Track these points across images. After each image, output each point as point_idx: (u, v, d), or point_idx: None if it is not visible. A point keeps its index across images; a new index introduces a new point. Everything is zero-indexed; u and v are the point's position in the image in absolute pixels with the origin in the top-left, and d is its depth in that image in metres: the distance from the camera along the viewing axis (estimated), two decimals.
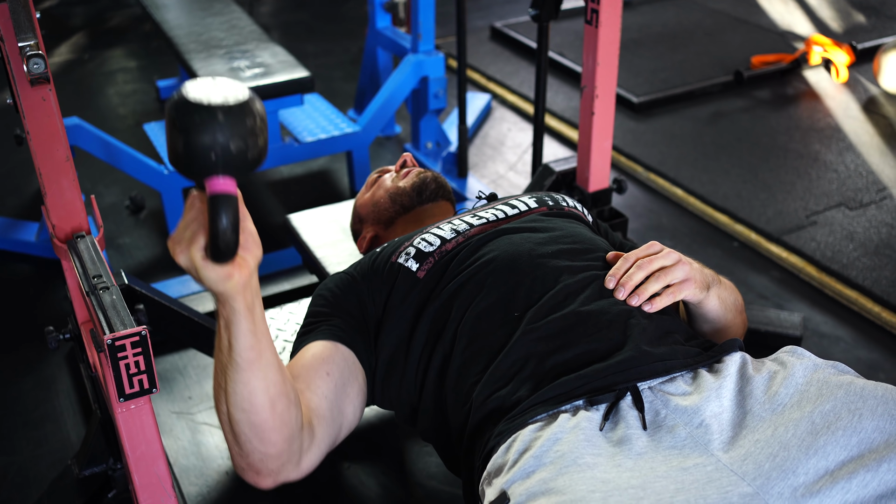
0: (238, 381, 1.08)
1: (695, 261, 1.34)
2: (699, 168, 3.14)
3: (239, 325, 1.04)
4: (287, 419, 1.14)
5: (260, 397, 1.09)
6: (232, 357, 1.07)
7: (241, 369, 1.07)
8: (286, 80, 2.73)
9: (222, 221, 0.96)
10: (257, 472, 1.17)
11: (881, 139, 3.35)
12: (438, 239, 1.38)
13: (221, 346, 1.08)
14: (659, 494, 0.98)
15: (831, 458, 1.03)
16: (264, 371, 1.09)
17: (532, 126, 3.56)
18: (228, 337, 1.06)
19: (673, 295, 1.27)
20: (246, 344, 1.06)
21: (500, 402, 1.17)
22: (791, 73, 3.87)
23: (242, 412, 1.10)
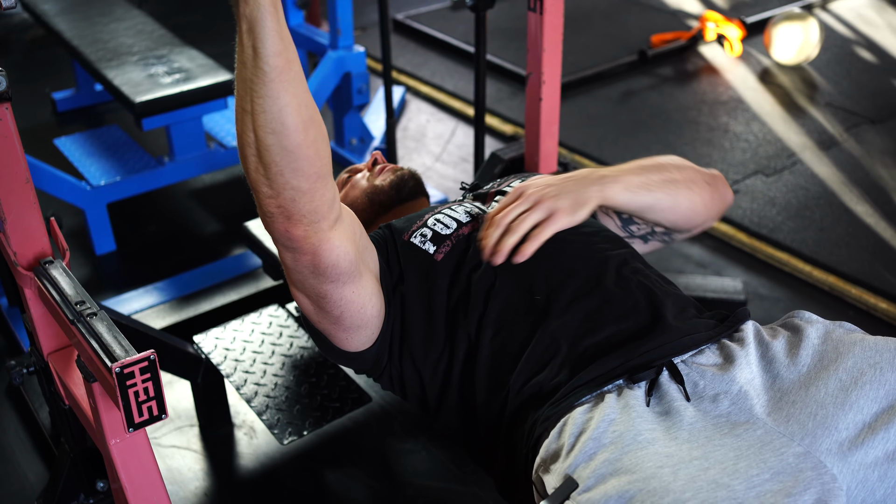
0: (267, 96, 1.00)
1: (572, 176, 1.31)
2: (620, 146, 3.23)
3: (265, 24, 0.97)
4: (320, 150, 1.07)
5: (292, 116, 1.02)
6: (258, 66, 0.98)
7: (269, 80, 0.99)
8: (210, 84, 2.64)
9: None
10: (289, 215, 1.08)
11: (781, 107, 3.53)
12: (454, 221, 1.37)
13: (245, 58, 0.99)
14: (722, 463, 1.01)
15: (865, 412, 1.08)
16: (294, 85, 1.02)
17: (450, 115, 3.58)
18: (253, 42, 0.97)
19: (538, 238, 1.25)
20: (273, 48, 0.98)
21: (538, 387, 1.18)
22: (689, 50, 4.03)
23: (273, 135, 1.02)
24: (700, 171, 1.42)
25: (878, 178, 2.99)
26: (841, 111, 3.47)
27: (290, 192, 1.07)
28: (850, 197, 2.88)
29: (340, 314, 1.26)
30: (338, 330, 1.29)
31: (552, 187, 1.30)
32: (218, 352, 1.96)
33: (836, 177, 3.00)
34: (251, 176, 1.09)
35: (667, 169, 1.37)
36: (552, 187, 1.30)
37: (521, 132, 3.39)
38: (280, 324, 2.04)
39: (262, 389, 1.86)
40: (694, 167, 1.42)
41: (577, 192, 1.29)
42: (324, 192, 1.10)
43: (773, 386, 1.14)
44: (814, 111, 3.48)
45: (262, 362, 1.93)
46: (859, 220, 2.75)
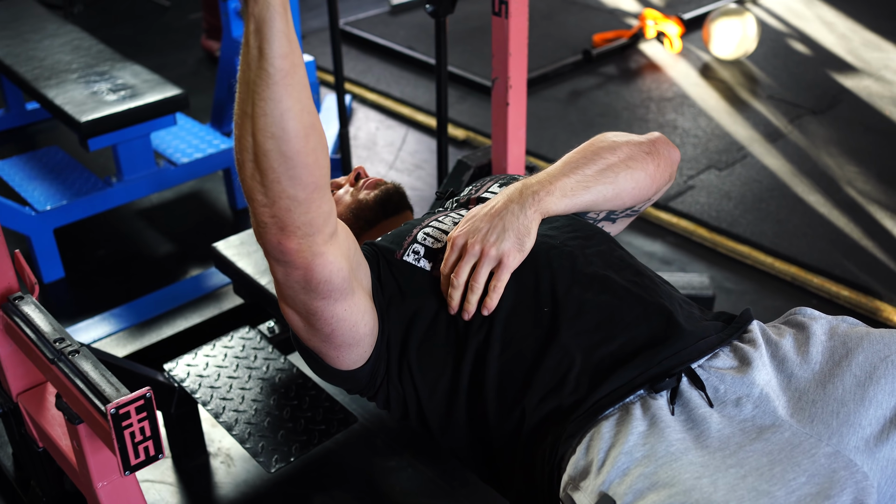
0: (270, 99, 0.96)
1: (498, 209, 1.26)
2: (574, 146, 3.22)
3: (273, 24, 0.93)
4: (319, 159, 1.03)
5: (293, 122, 0.98)
6: (263, 67, 0.95)
7: (273, 83, 0.95)
8: (158, 99, 2.55)
9: None
10: (283, 226, 1.04)
11: (725, 102, 3.59)
12: (444, 234, 1.33)
13: (250, 58, 0.96)
14: (758, 470, 1.00)
15: (885, 406, 1.08)
16: (297, 90, 0.98)
17: (400, 122, 3.54)
18: (259, 42, 0.94)
19: (497, 289, 1.23)
20: (280, 50, 0.94)
21: (556, 403, 1.15)
22: (631, 48, 4.06)
23: (272, 139, 0.98)
24: (637, 143, 1.36)
25: (826, 168, 3.06)
26: (783, 103, 3.54)
27: (286, 201, 1.03)
28: (802, 187, 2.94)
29: (332, 331, 1.21)
30: (329, 348, 1.25)
31: (489, 232, 1.25)
32: (192, 379, 1.88)
33: (786, 168, 3.06)
34: (246, 183, 1.04)
35: (600, 156, 1.33)
36: (489, 232, 1.25)
37: (475, 136, 3.37)
38: (254, 346, 1.97)
39: (243, 416, 1.79)
40: (629, 141, 1.36)
41: (515, 223, 1.25)
42: (320, 204, 1.06)
43: (789, 386, 1.13)
44: (757, 104, 3.55)
45: (240, 388, 1.86)
46: (813, 210, 2.81)
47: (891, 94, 3.60)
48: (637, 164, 1.34)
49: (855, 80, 3.73)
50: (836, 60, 3.93)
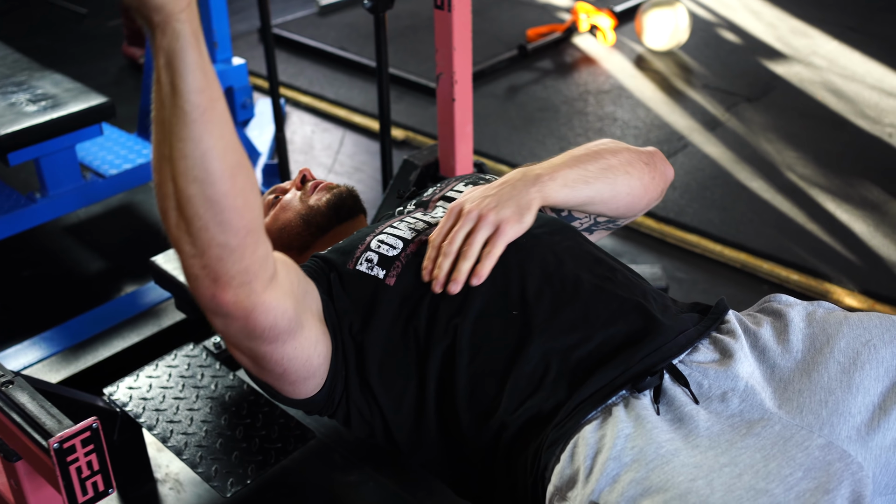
0: (189, 140, 0.88)
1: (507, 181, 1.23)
2: (516, 143, 3.19)
3: (186, 56, 0.86)
4: (249, 200, 0.95)
5: (217, 162, 0.90)
6: (178, 105, 0.87)
7: (191, 121, 0.88)
8: (82, 109, 2.41)
9: None
10: (216, 277, 0.95)
11: (662, 92, 3.59)
12: (400, 241, 1.25)
13: (163, 96, 0.88)
14: (753, 467, 0.96)
15: (872, 392, 1.06)
16: (219, 126, 0.90)
17: (336, 124, 3.45)
18: (172, 77, 0.86)
19: (492, 255, 1.17)
20: (195, 84, 0.87)
21: (535, 410, 1.09)
22: (564, 42, 4.05)
23: (196, 184, 0.90)
24: (637, 152, 1.34)
25: (766, 154, 3.07)
26: (718, 92, 3.56)
27: (217, 249, 0.94)
28: (744, 174, 2.95)
29: (283, 371, 1.14)
30: (283, 384, 1.18)
31: (489, 198, 1.21)
32: (135, 403, 1.77)
33: (727, 155, 3.07)
34: (172, 233, 0.95)
35: (602, 156, 1.29)
36: (489, 198, 1.21)
37: (414, 136, 3.30)
38: (200, 364, 1.87)
39: (193, 439, 1.68)
40: (629, 148, 1.34)
41: (518, 196, 1.21)
42: (255, 249, 0.97)
43: (773, 377, 1.09)
44: (693, 94, 3.56)
45: (188, 409, 1.76)
46: (757, 196, 2.82)
47: (821, 79, 3.65)
48: (635, 172, 1.30)
49: (785, 67, 3.78)
50: (766, 48, 3.98)
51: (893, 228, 2.61)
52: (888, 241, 2.56)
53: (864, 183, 2.86)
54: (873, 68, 3.73)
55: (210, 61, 0.90)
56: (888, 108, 3.37)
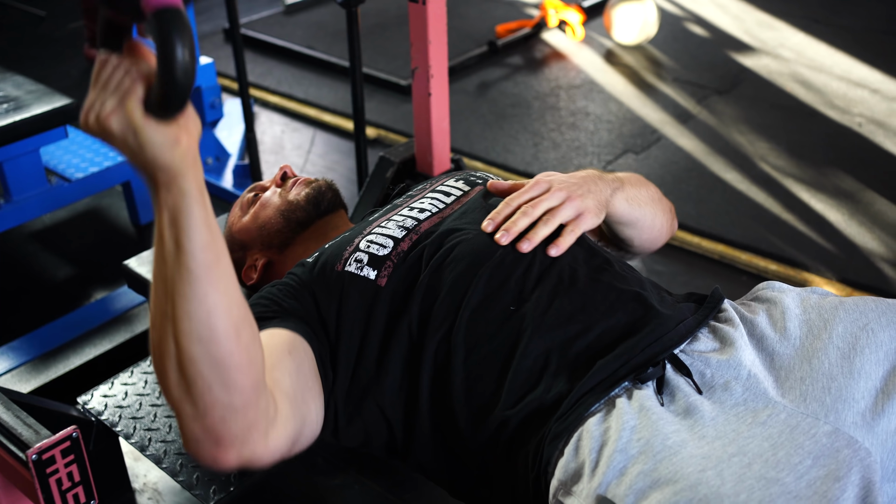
0: (193, 298, 0.83)
1: (588, 176, 1.25)
2: (489, 139, 3.17)
3: (191, 214, 0.82)
4: (254, 355, 0.90)
5: (222, 320, 0.85)
6: (182, 263, 0.83)
7: (196, 279, 0.83)
8: (46, 111, 2.35)
9: (176, 43, 0.73)
10: (217, 440, 0.89)
11: (633, 86, 3.59)
12: (390, 240, 1.22)
13: (165, 253, 0.84)
14: (762, 456, 0.93)
15: (874, 377, 1.04)
16: (224, 283, 0.86)
17: (306, 124, 3.40)
18: (176, 235, 0.82)
19: (573, 233, 1.18)
20: (201, 242, 0.83)
21: (536, 403, 1.06)
22: (534, 38, 4.03)
23: (200, 344, 0.85)
24: (663, 197, 1.38)
25: (739, 146, 3.08)
26: (688, 85, 3.57)
27: (220, 410, 0.88)
28: (718, 166, 2.95)
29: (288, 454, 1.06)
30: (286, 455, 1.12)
31: (576, 185, 1.22)
32: (110, 411, 1.71)
33: (701, 148, 3.07)
34: (171, 394, 0.88)
35: (650, 187, 1.34)
36: (576, 185, 1.22)
37: (386, 134, 3.26)
38: None
39: (172, 446, 1.63)
40: (659, 191, 1.38)
41: (599, 193, 1.23)
42: (257, 403, 0.91)
43: (773, 364, 1.07)
44: (664, 87, 3.57)
45: (166, 415, 1.70)
46: (732, 188, 2.82)
47: (789, 70, 3.67)
48: (667, 214, 1.36)
49: (754, 59, 3.80)
50: (734, 41, 4.00)
51: (868, 217, 2.63)
52: (863, 230, 2.57)
53: (837, 172, 2.88)
54: (839, 59, 3.76)
55: (213, 214, 0.85)
56: (856, 99, 3.40)
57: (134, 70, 0.78)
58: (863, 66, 3.67)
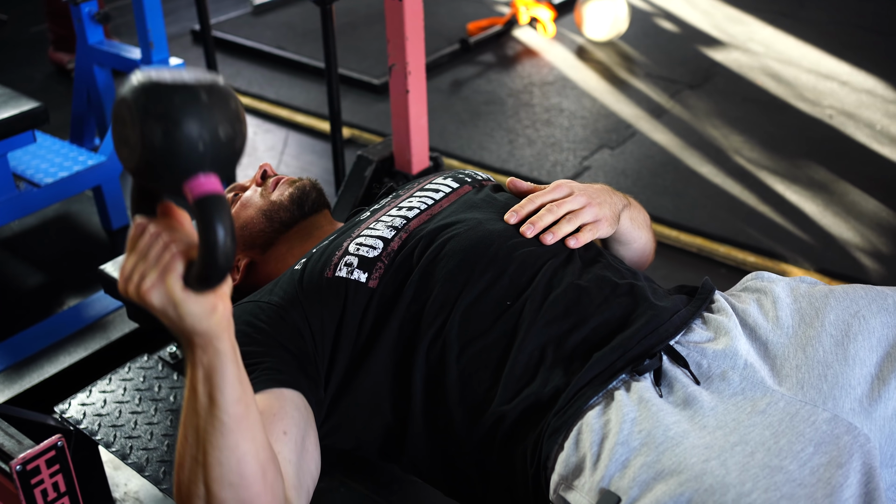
0: (224, 448, 0.87)
1: (603, 189, 1.30)
2: (464, 137, 3.15)
3: (225, 372, 0.85)
4: (276, 491, 0.94)
5: (251, 465, 0.89)
6: (215, 416, 0.86)
7: (228, 431, 0.87)
8: (13, 115, 2.29)
9: (219, 231, 0.76)
10: None
11: (605, 82, 3.59)
12: (380, 241, 1.20)
13: (198, 407, 0.87)
14: (764, 445, 0.93)
15: (868, 363, 1.04)
16: (252, 430, 0.90)
17: (278, 125, 3.37)
18: (210, 391, 0.86)
19: (592, 232, 1.23)
20: (233, 396, 0.86)
21: (533, 398, 1.04)
22: (505, 36, 4.03)
23: (230, 488, 0.89)
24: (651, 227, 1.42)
25: (712, 139, 3.09)
26: (661, 80, 3.58)
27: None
28: (693, 160, 2.96)
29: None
30: None
31: (596, 194, 1.26)
32: (89, 419, 1.67)
33: (675, 142, 3.08)
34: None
35: (644, 212, 1.39)
36: (596, 194, 1.26)
37: (360, 134, 3.23)
38: (156, 376, 1.78)
39: (154, 454, 1.60)
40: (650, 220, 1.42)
41: (614, 206, 1.28)
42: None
43: (767, 353, 1.07)
44: (637, 82, 3.57)
45: (146, 423, 1.66)
46: (708, 181, 2.83)
47: (759, 64, 3.70)
48: (652, 241, 1.41)
49: (724, 54, 3.82)
50: (703, 36, 4.02)
51: (843, 207, 2.65)
52: (839, 220, 2.59)
53: (810, 164, 2.90)
54: (808, 52, 3.79)
55: (243, 367, 0.88)
56: (826, 91, 3.43)
57: (173, 245, 0.80)
58: (831, 59, 3.71)
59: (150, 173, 0.76)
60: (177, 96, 0.74)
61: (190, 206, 0.77)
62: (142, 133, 0.73)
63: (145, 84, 0.74)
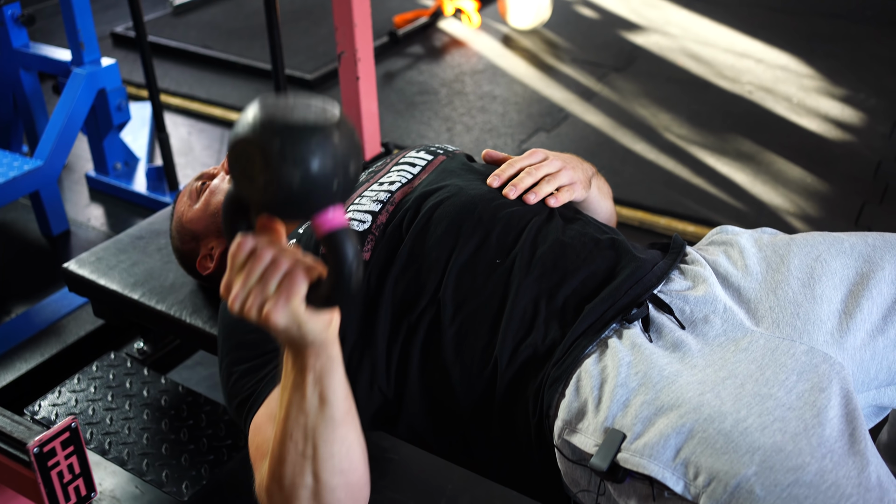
0: (335, 441, 0.93)
1: (574, 156, 1.37)
2: (402, 127, 3.19)
3: (335, 374, 0.91)
4: (368, 472, 1.01)
5: (357, 452, 0.97)
6: (326, 413, 0.92)
7: (338, 424, 0.93)
8: None
9: (352, 262, 0.79)
10: None
11: (534, 69, 3.68)
12: (367, 214, 1.23)
13: (307, 407, 0.92)
14: (752, 377, 1.00)
15: (834, 301, 1.12)
16: (356, 421, 0.97)
17: (212, 124, 3.34)
18: (322, 391, 0.91)
19: (569, 192, 1.29)
20: (342, 394, 0.93)
21: (531, 350, 1.09)
22: (431, 27, 4.07)
23: (341, 475, 0.95)
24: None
25: (642, 118, 3.21)
26: (587, 64, 3.68)
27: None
28: (626, 138, 3.06)
29: None
30: None
31: (569, 160, 1.33)
32: (62, 419, 1.65)
33: (607, 123, 3.18)
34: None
35: (607, 184, 1.46)
36: (569, 160, 1.33)
37: None
38: (125, 372, 1.77)
39: (135, 448, 1.59)
40: None
41: (585, 171, 1.36)
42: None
43: (741, 298, 1.14)
44: (564, 67, 3.67)
45: (123, 418, 1.66)
46: (642, 158, 2.94)
47: (679, 46, 3.84)
48: (614, 213, 1.48)
49: (644, 37, 3.95)
50: (623, 21, 4.15)
51: (770, 175, 2.79)
52: (768, 188, 2.72)
53: (736, 137, 3.04)
54: (723, 33, 3.96)
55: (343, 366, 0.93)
56: (743, 69, 3.59)
57: (296, 270, 0.82)
58: (745, 38, 3.88)
59: (280, 210, 0.77)
60: (313, 140, 0.73)
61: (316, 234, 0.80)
62: (277, 176, 0.73)
63: (276, 125, 0.73)
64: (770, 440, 0.91)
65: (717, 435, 0.93)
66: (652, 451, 0.94)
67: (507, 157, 1.34)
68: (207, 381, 2.04)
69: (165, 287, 1.62)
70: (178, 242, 1.52)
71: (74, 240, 2.64)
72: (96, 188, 2.90)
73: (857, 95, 3.33)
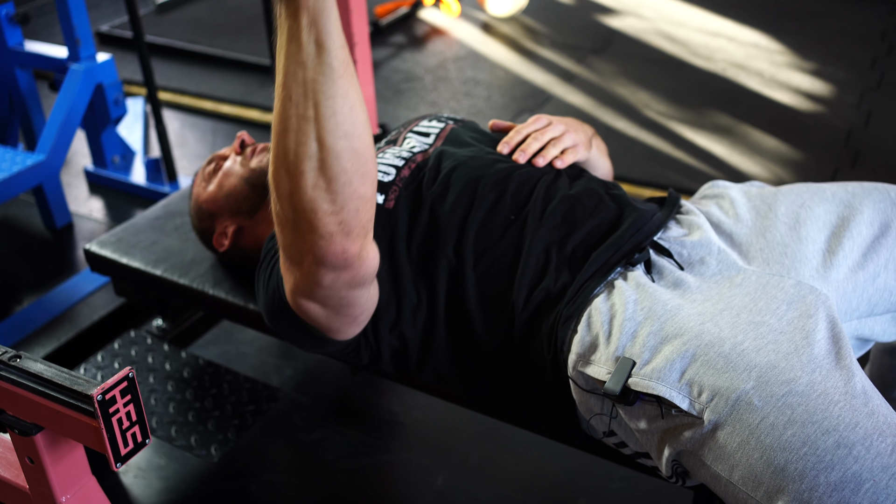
0: (337, 95, 0.89)
1: (575, 119, 1.48)
2: (390, 114, 3.27)
3: (331, 13, 0.87)
4: (373, 146, 0.99)
5: (361, 114, 0.92)
6: (325, 62, 0.88)
7: (339, 76, 0.88)
8: None
9: None
10: (349, 230, 0.98)
11: (515, 54, 3.78)
12: (392, 168, 1.33)
13: (305, 57, 0.88)
14: (746, 307, 1.10)
15: (818, 241, 1.23)
16: (356, 80, 0.92)
17: (204, 117, 3.41)
18: (318, 35, 0.87)
19: (574, 154, 1.40)
20: (340, 40, 0.88)
21: (544, 294, 1.20)
22: (411, 18, 4.16)
23: (345, 138, 0.92)
24: None
25: (622, 97, 3.32)
26: (565, 48, 3.79)
27: (357, 202, 0.97)
28: (608, 117, 3.17)
29: (361, 312, 1.20)
30: (349, 325, 1.21)
31: (570, 124, 1.43)
32: None
33: (589, 103, 3.29)
34: (306, 195, 0.95)
35: (604, 143, 1.56)
36: (570, 124, 1.43)
37: None
38: (147, 348, 1.85)
39: (163, 417, 1.68)
40: None
41: (586, 133, 1.45)
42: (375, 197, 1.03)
43: (733, 243, 1.25)
44: (543, 52, 3.77)
45: (148, 390, 1.74)
46: (624, 135, 3.05)
47: (653, 28, 3.96)
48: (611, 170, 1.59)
49: (619, 20, 4.07)
50: (598, 6, 4.26)
51: (747, 147, 2.91)
52: (745, 158, 2.84)
53: (713, 112, 3.16)
54: (695, 14, 4.08)
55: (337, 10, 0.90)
56: (716, 47, 3.71)
57: None
58: (716, 18, 4.00)
59: None
60: None
61: None
62: None
63: None
64: (765, 359, 1.02)
65: (717, 357, 1.03)
66: (659, 374, 1.04)
67: (513, 125, 1.44)
68: (222, 357, 2.13)
69: (186, 262, 1.70)
70: (196, 221, 1.61)
71: (78, 231, 2.71)
72: (95, 182, 2.97)
73: (825, 69, 3.46)
